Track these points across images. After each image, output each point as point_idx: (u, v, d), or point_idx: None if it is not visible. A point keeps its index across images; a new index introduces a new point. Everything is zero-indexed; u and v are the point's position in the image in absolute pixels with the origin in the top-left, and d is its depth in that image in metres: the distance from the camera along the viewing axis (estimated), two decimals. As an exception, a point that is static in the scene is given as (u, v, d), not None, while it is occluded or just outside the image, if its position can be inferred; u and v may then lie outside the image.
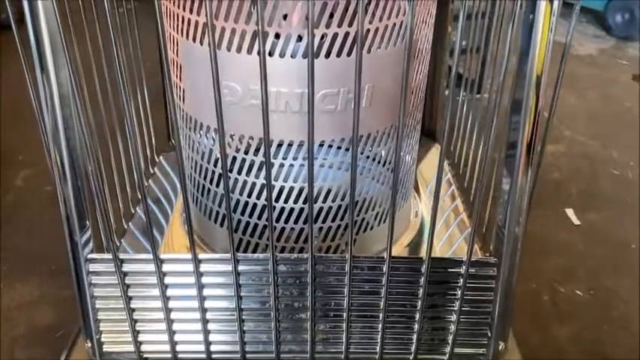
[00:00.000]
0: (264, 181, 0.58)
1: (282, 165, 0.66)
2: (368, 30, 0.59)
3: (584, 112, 2.03)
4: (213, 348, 0.66)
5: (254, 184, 0.67)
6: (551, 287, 1.26)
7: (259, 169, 0.66)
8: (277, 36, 0.59)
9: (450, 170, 0.96)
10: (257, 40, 0.49)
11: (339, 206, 0.69)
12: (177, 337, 0.66)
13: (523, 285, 1.24)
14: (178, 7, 0.62)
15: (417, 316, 0.64)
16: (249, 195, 0.68)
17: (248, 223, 0.69)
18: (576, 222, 1.47)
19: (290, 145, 0.64)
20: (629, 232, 1.44)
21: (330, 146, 0.68)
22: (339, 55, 0.59)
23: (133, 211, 0.83)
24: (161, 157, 0.97)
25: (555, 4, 0.51)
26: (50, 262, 1.26)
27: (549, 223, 1.46)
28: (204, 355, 0.67)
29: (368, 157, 0.70)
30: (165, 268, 0.62)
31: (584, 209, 1.52)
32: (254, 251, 0.71)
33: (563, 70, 0.56)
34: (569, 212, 1.50)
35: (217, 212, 0.72)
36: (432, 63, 0.98)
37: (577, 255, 1.36)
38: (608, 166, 1.72)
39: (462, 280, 0.62)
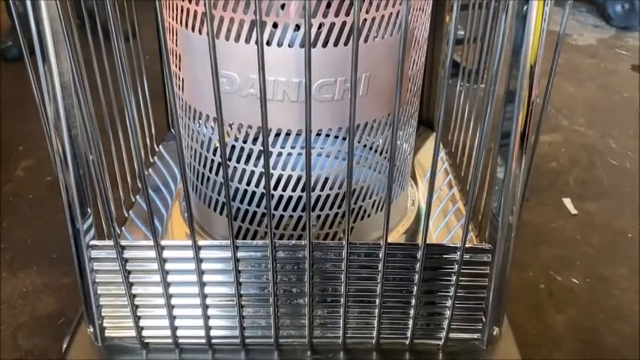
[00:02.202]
0: (263, 170, 0.59)
1: (280, 154, 0.67)
2: (364, 19, 0.60)
3: (583, 102, 2.04)
4: (212, 333, 0.68)
5: (253, 172, 0.68)
6: (548, 275, 1.27)
7: (258, 157, 0.67)
8: (275, 25, 0.59)
9: (447, 160, 0.96)
10: (255, 30, 0.50)
11: (337, 194, 0.70)
12: (177, 323, 0.67)
13: (520, 273, 1.25)
14: (177, -2, 0.63)
15: (413, 301, 0.66)
16: (248, 183, 0.69)
17: (247, 210, 0.70)
18: (573, 211, 1.48)
19: (288, 134, 0.65)
20: (627, 221, 1.44)
21: (328, 135, 0.69)
22: (336, 44, 0.60)
23: (133, 200, 0.85)
24: (161, 146, 0.98)
25: (548, -6, 0.51)
26: (51, 251, 1.28)
27: (546, 212, 1.47)
28: (204, 340, 0.68)
29: (365, 145, 0.71)
30: (166, 254, 0.63)
31: (582, 199, 1.53)
32: (253, 238, 0.72)
33: (557, 60, 0.56)
34: (567, 202, 1.51)
35: (217, 200, 0.73)
36: (430, 52, 0.99)
37: (574, 244, 1.37)
38: (606, 155, 1.73)
39: (456, 266, 0.63)
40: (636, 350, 1.09)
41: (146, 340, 0.69)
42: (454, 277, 0.64)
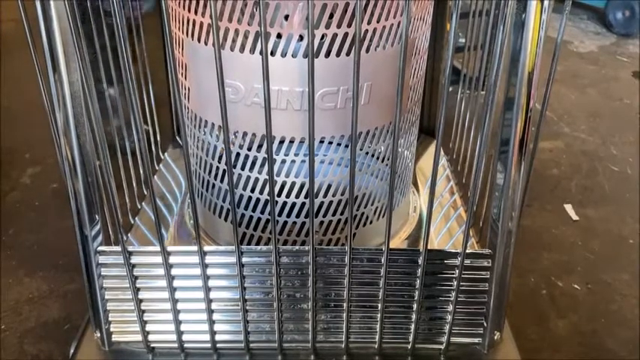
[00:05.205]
0: (267, 177, 0.60)
1: (283, 161, 0.68)
2: (366, 30, 0.61)
3: (584, 109, 2.05)
4: (217, 337, 0.69)
5: (257, 179, 0.69)
6: (550, 281, 1.27)
7: (262, 165, 0.68)
8: (279, 36, 0.61)
9: (448, 167, 0.97)
10: (259, 41, 0.51)
11: (339, 201, 0.71)
12: (183, 327, 0.68)
13: (521, 279, 1.26)
14: (184, 9, 0.64)
15: (415, 306, 0.66)
16: (253, 190, 0.70)
17: (251, 217, 0.72)
18: (575, 217, 1.48)
19: (291, 141, 0.66)
20: (628, 227, 1.45)
21: (330, 143, 0.70)
22: (338, 54, 0.61)
23: (139, 207, 0.86)
24: (166, 154, 0.99)
25: (546, 2, 0.52)
26: (57, 258, 1.29)
27: (548, 218, 1.47)
28: (209, 345, 0.69)
29: (367, 153, 0.72)
30: (172, 260, 0.64)
31: (583, 205, 1.53)
32: (257, 244, 0.73)
33: (555, 68, 0.57)
34: (568, 208, 1.52)
35: (221, 207, 0.74)
36: (431, 60, 1.00)
37: (575, 250, 1.38)
38: (607, 162, 1.73)
39: (457, 271, 0.64)
40: (637, 354, 1.10)
41: (152, 345, 0.70)
42: (455, 282, 0.65)
